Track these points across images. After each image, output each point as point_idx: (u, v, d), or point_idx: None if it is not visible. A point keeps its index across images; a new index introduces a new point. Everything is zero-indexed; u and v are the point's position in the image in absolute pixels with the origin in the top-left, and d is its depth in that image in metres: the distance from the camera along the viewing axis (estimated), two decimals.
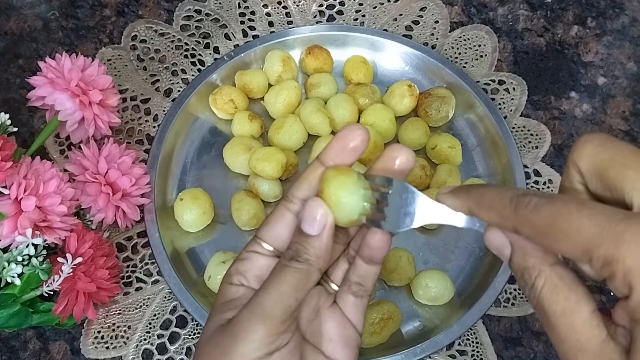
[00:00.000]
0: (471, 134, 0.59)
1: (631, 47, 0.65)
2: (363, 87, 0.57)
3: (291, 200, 0.31)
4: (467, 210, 0.27)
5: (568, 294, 0.23)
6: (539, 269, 0.24)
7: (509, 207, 0.24)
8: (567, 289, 0.23)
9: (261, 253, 0.31)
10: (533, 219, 0.23)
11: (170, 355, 0.48)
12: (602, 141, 0.24)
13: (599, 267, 0.21)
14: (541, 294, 0.24)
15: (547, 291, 0.23)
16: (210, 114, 0.59)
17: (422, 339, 0.47)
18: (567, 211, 0.22)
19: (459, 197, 0.27)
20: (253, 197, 0.52)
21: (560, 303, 0.23)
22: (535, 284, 0.24)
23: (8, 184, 0.42)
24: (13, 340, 0.48)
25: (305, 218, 0.29)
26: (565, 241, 0.22)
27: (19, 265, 0.42)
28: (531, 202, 0.23)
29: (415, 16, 0.66)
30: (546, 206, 0.23)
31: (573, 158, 0.25)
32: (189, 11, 0.65)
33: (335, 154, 0.30)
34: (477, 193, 0.26)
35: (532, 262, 0.24)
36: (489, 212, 0.25)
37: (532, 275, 0.24)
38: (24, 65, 0.61)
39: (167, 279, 0.49)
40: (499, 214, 0.24)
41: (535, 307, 0.24)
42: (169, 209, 0.53)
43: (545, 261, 0.24)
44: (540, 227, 0.23)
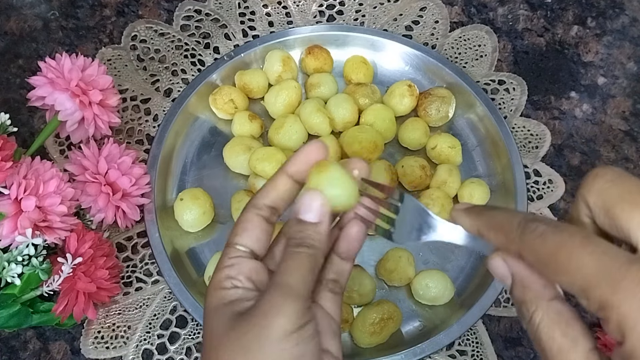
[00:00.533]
0: (471, 134, 0.59)
1: (631, 47, 0.65)
2: (363, 87, 0.57)
3: (260, 207, 0.32)
4: (477, 231, 0.27)
5: (565, 331, 0.23)
6: (537, 304, 0.24)
7: (516, 231, 0.24)
8: (565, 325, 0.23)
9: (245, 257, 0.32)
10: (537, 247, 0.23)
11: (170, 355, 0.48)
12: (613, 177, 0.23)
13: (594, 309, 0.21)
14: (538, 329, 0.24)
15: (544, 327, 0.24)
16: (210, 114, 0.59)
17: (422, 339, 0.47)
18: (571, 244, 0.22)
19: (470, 217, 0.27)
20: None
21: (557, 340, 0.23)
22: (532, 318, 0.24)
23: (8, 184, 0.42)
24: (13, 340, 0.48)
25: (305, 208, 0.30)
26: (565, 275, 0.22)
27: (19, 265, 0.42)
28: (538, 229, 0.23)
29: (415, 16, 0.66)
30: (551, 236, 0.22)
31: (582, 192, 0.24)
32: (189, 11, 0.65)
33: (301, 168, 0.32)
34: (488, 214, 0.26)
35: (529, 296, 0.24)
36: (497, 233, 0.25)
37: (530, 309, 0.24)
38: (24, 65, 0.61)
39: (167, 279, 0.49)
40: (505, 237, 0.25)
41: (533, 340, 0.24)
42: (169, 209, 0.53)
43: (544, 296, 0.24)
44: (543, 256, 0.23)
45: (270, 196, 0.32)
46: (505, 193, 0.55)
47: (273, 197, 0.32)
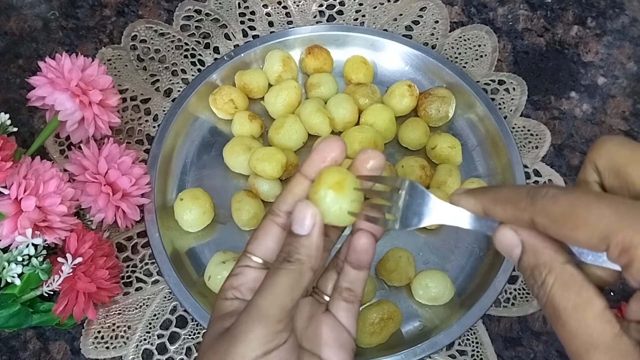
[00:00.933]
0: (471, 134, 0.59)
1: (631, 47, 0.65)
2: (363, 87, 0.57)
3: (277, 214, 0.32)
4: (482, 210, 0.27)
5: (579, 290, 0.23)
6: (550, 266, 0.24)
7: (526, 199, 0.24)
8: (579, 285, 0.23)
9: (252, 267, 0.32)
10: (551, 208, 0.23)
11: (170, 355, 0.48)
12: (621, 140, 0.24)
13: (616, 254, 0.21)
14: (552, 291, 0.24)
15: (559, 287, 0.24)
16: (210, 114, 0.59)
17: (422, 339, 0.47)
18: (586, 199, 0.22)
19: (474, 197, 0.27)
20: (253, 197, 0.52)
21: (572, 299, 0.23)
22: (546, 280, 0.24)
23: (8, 184, 0.42)
24: (13, 340, 0.48)
25: (295, 219, 0.29)
26: (584, 228, 0.22)
27: (19, 265, 0.42)
28: (549, 192, 0.24)
29: (415, 16, 0.66)
30: (564, 196, 0.23)
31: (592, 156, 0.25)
32: (189, 11, 0.65)
33: (316, 167, 0.31)
34: (493, 190, 0.27)
35: (543, 259, 0.25)
36: (505, 206, 0.25)
37: (543, 272, 0.24)
38: (24, 65, 0.61)
39: (167, 279, 0.49)
40: (515, 207, 0.25)
41: (545, 304, 0.24)
42: (169, 209, 0.53)
43: (557, 259, 0.24)
44: (558, 215, 0.23)
45: (287, 200, 0.32)
46: None
47: (290, 201, 0.32)
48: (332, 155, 0.31)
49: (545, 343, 0.50)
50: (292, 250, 0.29)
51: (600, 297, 0.23)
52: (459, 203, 0.28)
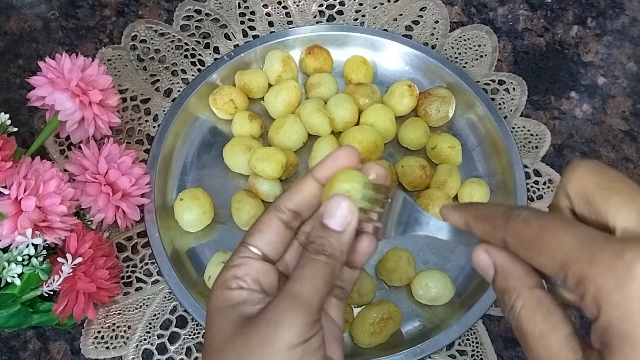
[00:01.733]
0: (471, 134, 0.59)
1: (631, 47, 0.65)
2: (363, 87, 0.57)
3: (282, 210, 0.32)
4: (464, 224, 0.28)
5: (546, 316, 0.24)
6: (519, 291, 0.25)
7: (502, 218, 0.25)
8: (545, 311, 0.24)
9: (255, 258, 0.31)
10: (521, 230, 0.24)
11: (170, 355, 0.48)
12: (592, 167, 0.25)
13: (572, 284, 0.22)
14: (520, 315, 0.24)
15: (526, 312, 0.24)
16: (210, 114, 0.59)
17: (422, 339, 0.47)
18: (553, 225, 0.23)
19: (458, 211, 0.28)
20: (253, 197, 0.52)
21: (538, 325, 0.23)
22: (514, 305, 0.24)
23: (8, 184, 0.42)
24: (13, 340, 0.48)
25: (331, 214, 0.30)
26: (547, 253, 0.23)
27: (19, 265, 0.42)
28: (522, 214, 0.24)
29: (415, 16, 0.66)
30: (535, 219, 0.24)
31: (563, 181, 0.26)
32: (189, 11, 0.65)
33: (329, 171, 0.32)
34: (474, 207, 0.28)
35: (512, 283, 0.25)
36: (483, 222, 0.26)
37: (512, 297, 0.25)
38: (24, 65, 0.61)
39: (167, 279, 0.49)
40: (491, 225, 0.26)
41: (515, 328, 0.24)
42: (169, 209, 0.53)
43: (525, 284, 0.25)
44: (526, 237, 0.24)
45: (295, 199, 0.32)
46: (505, 193, 0.55)
47: (297, 201, 0.32)
48: (346, 162, 0.31)
49: None
50: (327, 244, 0.29)
51: (566, 323, 0.23)
52: (446, 216, 0.29)
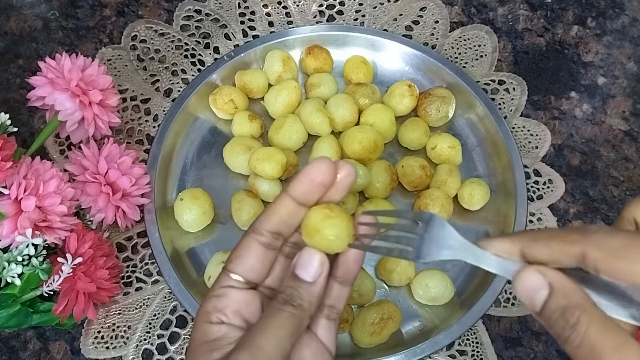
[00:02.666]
0: (471, 134, 0.59)
1: (631, 47, 0.65)
2: (363, 87, 0.57)
3: (261, 232, 0.31)
4: (518, 252, 0.27)
5: (616, 332, 0.24)
6: (583, 308, 0.24)
7: (576, 233, 0.25)
8: (614, 327, 0.24)
9: (235, 287, 0.31)
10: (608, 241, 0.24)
11: (170, 355, 0.48)
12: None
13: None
14: (589, 331, 0.24)
15: (596, 328, 0.24)
16: (210, 114, 0.59)
17: (422, 339, 0.47)
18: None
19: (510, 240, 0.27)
20: (253, 197, 0.52)
21: (610, 339, 0.23)
22: (580, 321, 0.24)
23: (8, 184, 0.42)
24: (13, 340, 0.48)
25: (302, 265, 0.29)
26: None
27: (19, 265, 0.42)
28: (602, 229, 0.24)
29: (415, 16, 0.66)
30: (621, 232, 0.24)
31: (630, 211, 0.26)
32: (189, 11, 0.65)
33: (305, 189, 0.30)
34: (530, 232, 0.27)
35: (576, 300, 0.25)
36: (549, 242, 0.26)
37: (575, 313, 0.24)
38: (24, 65, 0.61)
39: (167, 279, 0.49)
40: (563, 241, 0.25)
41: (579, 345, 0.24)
42: (169, 209, 0.53)
43: (589, 301, 0.25)
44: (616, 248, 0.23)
45: (272, 220, 0.31)
46: (505, 193, 0.55)
47: (275, 222, 0.31)
48: (320, 179, 0.30)
49: (545, 343, 0.50)
50: (295, 294, 0.29)
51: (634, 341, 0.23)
52: (491, 247, 0.28)
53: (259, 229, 0.31)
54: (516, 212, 0.52)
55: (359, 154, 0.52)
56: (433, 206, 0.51)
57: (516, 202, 0.53)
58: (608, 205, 0.56)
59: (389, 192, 0.53)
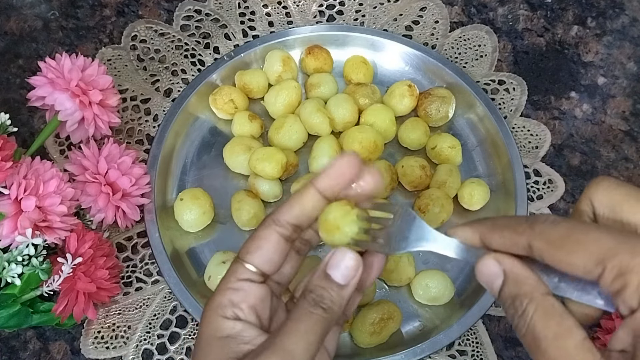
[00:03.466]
0: (471, 134, 0.59)
1: (631, 47, 0.65)
2: (363, 87, 0.57)
3: (282, 224, 0.30)
4: (478, 239, 0.28)
5: (560, 320, 0.24)
6: (531, 296, 0.25)
7: (525, 223, 0.25)
8: (559, 315, 0.24)
9: (253, 281, 0.30)
10: (550, 232, 0.24)
11: (170, 355, 0.48)
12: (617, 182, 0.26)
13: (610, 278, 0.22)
14: (533, 319, 0.24)
15: (540, 317, 0.24)
16: (210, 114, 0.59)
17: (422, 339, 0.47)
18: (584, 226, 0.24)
19: (471, 228, 0.28)
20: (253, 197, 0.52)
21: (553, 328, 0.24)
22: (526, 309, 0.25)
23: (8, 184, 0.42)
24: (13, 340, 0.48)
25: (335, 265, 0.29)
26: (581, 252, 0.23)
27: (19, 265, 0.42)
28: (549, 218, 0.25)
29: (415, 16, 0.66)
30: (563, 222, 0.24)
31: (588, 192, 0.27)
32: (189, 11, 0.65)
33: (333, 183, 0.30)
34: (491, 219, 0.28)
35: (524, 289, 0.25)
36: (503, 231, 0.26)
37: (524, 302, 0.25)
38: (24, 65, 0.61)
39: (167, 279, 0.49)
40: (513, 231, 0.26)
41: (525, 333, 0.25)
42: (169, 209, 0.53)
43: (538, 289, 0.25)
44: (556, 238, 0.24)
45: (294, 212, 0.30)
46: (505, 193, 0.55)
47: (297, 214, 0.30)
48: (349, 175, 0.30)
49: None
50: (327, 296, 0.28)
51: (580, 328, 0.24)
52: (455, 235, 0.29)
53: (279, 219, 0.30)
54: (516, 212, 0.52)
55: (359, 153, 0.52)
56: (433, 206, 0.51)
57: (516, 202, 0.53)
58: None
59: (389, 192, 0.53)
